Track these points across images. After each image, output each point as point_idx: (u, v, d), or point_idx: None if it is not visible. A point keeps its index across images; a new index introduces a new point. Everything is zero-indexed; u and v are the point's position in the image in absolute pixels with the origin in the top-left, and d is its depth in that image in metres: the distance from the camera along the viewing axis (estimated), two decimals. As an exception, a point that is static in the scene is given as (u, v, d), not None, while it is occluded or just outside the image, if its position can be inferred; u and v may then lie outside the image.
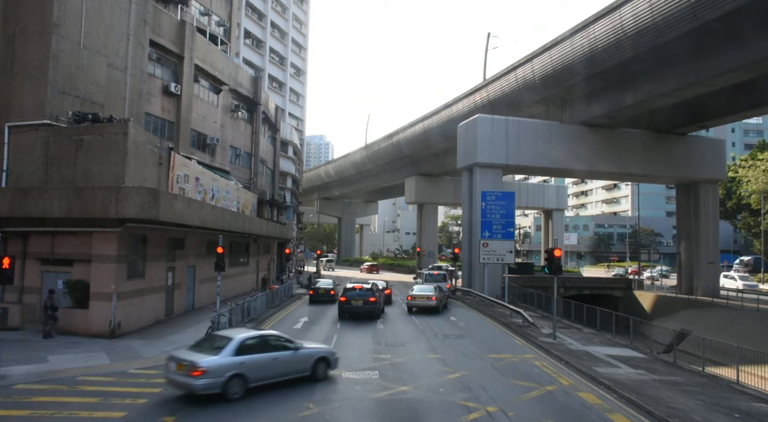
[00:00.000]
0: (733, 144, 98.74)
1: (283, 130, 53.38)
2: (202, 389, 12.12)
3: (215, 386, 12.19)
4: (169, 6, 30.16)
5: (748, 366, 16.08)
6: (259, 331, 15.17)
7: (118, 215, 18.63)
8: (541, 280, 41.77)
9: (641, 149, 38.03)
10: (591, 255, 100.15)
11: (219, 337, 13.59)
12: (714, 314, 33.17)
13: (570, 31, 31.52)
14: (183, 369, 12.24)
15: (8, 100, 20.91)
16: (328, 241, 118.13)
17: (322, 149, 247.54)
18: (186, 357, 12.48)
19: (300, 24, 77.78)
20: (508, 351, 18.97)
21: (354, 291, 26.44)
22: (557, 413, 11.93)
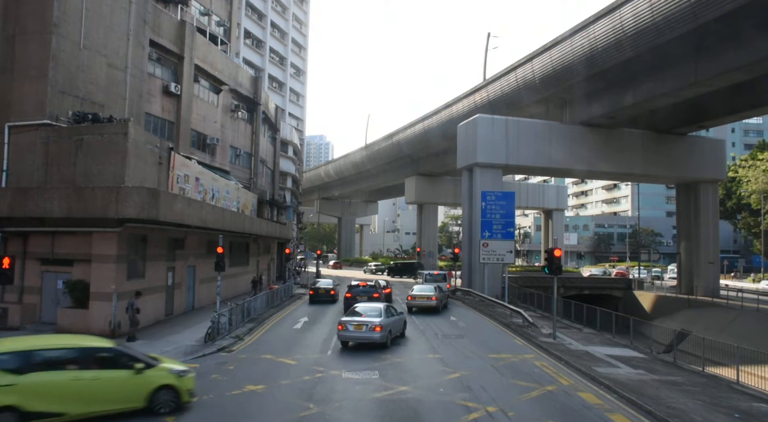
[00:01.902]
0: (733, 144, 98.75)
1: (283, 130, 53.41)
2: (379, 340, 18.07)
3: (385, 338, 18.26)
4: (169, 6, 30.17)
5: (748, 366, 16.08)
6: (389, 303, 21.86)
7: (118, 215, 18.64)
8: (541, 280, 41.80)
9: (641, 149, 38.03)
10: (591, 255, 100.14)
11: (369, 307, 19.75)
12: (714, 314, 33.19)
13: (570, 31, 31.53)
14: (363, 328, 18.07)
15: (8, 101, 20.92)
16: (328, 241, 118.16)
17: (322, 149, 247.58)
18: (362, 320, 18.34)
19: (300, 24, 77.82)
20: (508, 351, 18.97)
21: (359, 288, 28.52)
22: (557, 413, 11.93)
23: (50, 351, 10.85)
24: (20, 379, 9.92)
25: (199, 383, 13.56)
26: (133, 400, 11.00)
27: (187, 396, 11.63)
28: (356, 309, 19.91)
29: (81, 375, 10.57)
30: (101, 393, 10.70)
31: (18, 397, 9.77)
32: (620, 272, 61.89)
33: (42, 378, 10.20)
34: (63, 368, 10.60)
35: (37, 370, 10.23)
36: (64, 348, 11.11)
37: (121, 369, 11.04)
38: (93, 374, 10.73)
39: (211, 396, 12.53)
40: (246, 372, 15.00)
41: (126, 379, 10.98)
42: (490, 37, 65.51)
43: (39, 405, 9.96)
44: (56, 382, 10.32)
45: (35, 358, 10.41)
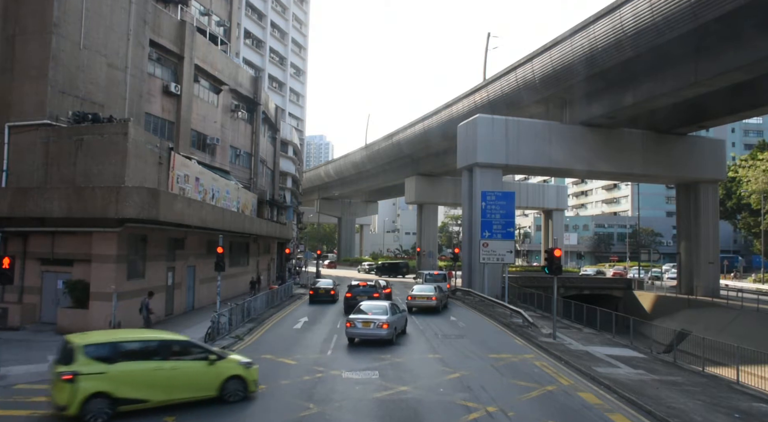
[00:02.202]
0: (733, 144, 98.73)
1: (283, 130, 53.40)
2: (386, 336, 18.96)
3: (391, 334, 19.18)
4: (169, 6, 30.17)
5: (748, 366, 16.08)
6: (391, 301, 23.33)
7: (118, 215, 18.64)
8: (541, 280, 41.81)
9: (641, 149, 38.03)
10: (591, 255, 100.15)
11: (375, 305, 20.62)
12: (714, 314, 33.19)
13: (570, 31, 31.53)
14: (371, 325, 18.89)
15: (8, 101, 20.91)
16: (328, 241, 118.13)
17: (322, 149, 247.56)
18: (369, 318, 19.12)
19: (300, 24, 77.82)
20: (508, 351, 18.97)
21: (359, 288, 28.92)
22: (557, 413, 11.93)
23: (134, 342, 11.82)
24: (110, 368, 10.80)
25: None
26: (207, 389, 11.88)
27: (253, 386, 12.42)
28: (361, 307, 20.42)
29: (161, 365, 11.45)
30: (179, 382, 11.58)
31: (109, 384, 10.64)
32: (618, 273, 61.82)
33: (128, 367, 11.07)
34: (146, 358, 11.45)
35: (124, 360, 11.11)
36: (146, 340, 12.00)
37: (196, 360, 11.99)
38: (172, 364, 11.62)
39: (211, 396, 12.51)
40: (246, 372, 14.94)
41: (201, 369, 11.89)
42: (490, 37, 65.54)
43: (126, 392, 10.82)
44: (140, 371, 11.17)
45: (122, 349, 11.38)
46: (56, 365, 10.88)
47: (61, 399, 10.34)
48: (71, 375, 10.36)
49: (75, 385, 10.29)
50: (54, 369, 10.83)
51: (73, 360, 10.61)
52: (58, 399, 10.42)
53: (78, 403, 10.25)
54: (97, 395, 10.45)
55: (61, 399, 10.32)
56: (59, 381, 10.39)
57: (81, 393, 10.29)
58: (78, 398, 10.25)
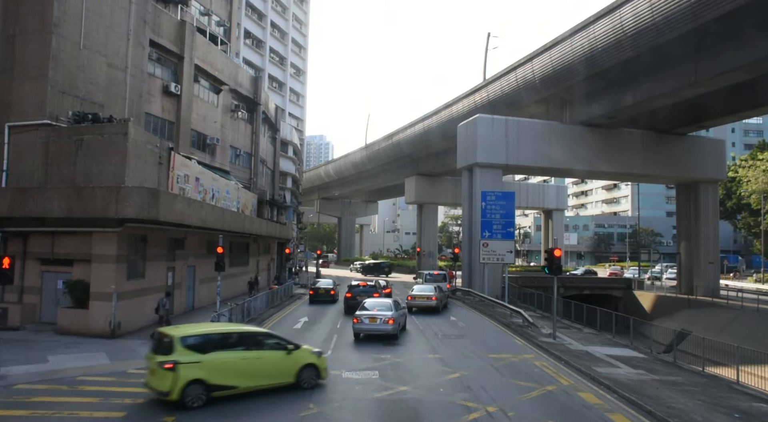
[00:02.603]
0: (733, 144, 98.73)
1: (283, 130, 53.39)
2: (392, 331, 19.75)
3: (396, 330, 20.07)
4: (169, 6, 30.17)
5: (748, 366, 16.08)
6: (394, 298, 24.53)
7: (118, 215, 18.63)
8: (541, 280, 41.81)
9: (641, 149, 38.02)
10: (591, 255, 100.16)
11: (379, 302, 21.45)
12: (714, 315, 33.18)
13: (570, 31, 31.52)
14: (377, 321, 19.76)
15: (8, 101, 20.91)
16: (328, 241, 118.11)
17: (322, 149, 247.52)
18: (375, 314, 20.03)
19: (300, 24, 77.81)
20: (508, 351, 18.97)
21: (359, 288, 28.93)
22: (557, 413, 11.93)
23: (223, 334, 13.07)
24: (204, 357, 11.89)
25: (199, 383, 13.57)
26: (286, 376, 13.02)
27: (324, 373, 13.64)
28: (366, 305, 21.31)
29: (247, 354, 12.63)
30: (263, 370, 12.75)
31: (204, 372, 11.74)
32: (614, 273, 61.76)
33: (219, 356, 12.16)
34: (233, 349, 12.63)
35: (215, 350, 12.20)
36: (232, 332, 13.28)
37: (276, 350, 13.12)
38: (256, 354, 12.78)
39: (211, 396, 12.52)
40: (246, 372, 14.94)
41: (281, 358, 13.05)
42: (490, 37, 65.50)
43: (219, 379, 11.92)
44: (230, 360, 12.31)
45: (213, 340, 12.52)
46: (154, 355, 11.88)
47: (163, 386, 11.42)
48: (172, 364, 11.42)
49: (176, 373, 11.36)
50: (152, 359, 11.83)
51: (173, 351, 11.63)
52: (160, 386, 11.48)
53: (179, 389, 11.34)
54: (194, 382, 11.53)
55: (163, 386, 11.40)
56: (160, 370, 11.46)
57: (181, 380, 11.37)
58: (179, 385, 11.34)
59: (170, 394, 11.36)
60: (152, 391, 11.93)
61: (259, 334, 13.64)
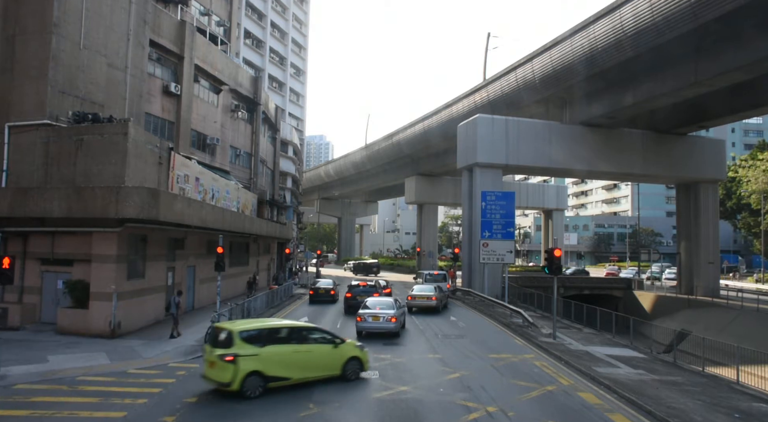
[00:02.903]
0: (733, 144, 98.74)
1: (283, 130, 53.39)
2: (394, 329, 20.22)
3: (398, 327, 20.66)
4: (169, 6, 30.17)
5: (748, 366, 16.09)
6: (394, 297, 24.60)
7: (118, 215, 18.63)
8: (541, 280, 41.79)
9: (641, 149, 38.01)
10: (591, 255, 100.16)
11: (381, 301, 22.01)
12: (714, 315, 33.17)
13: (570, 31, 31.51)
14: (380, 319, 20.08)
15: (8, 101, 20.91)
16: (328, 241, 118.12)
17: (322, 149, 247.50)
18: (378, 312, 20.34)
19: (300, 24, 77.81)
20: (508, 351, 18.97)
21: (359, 288, 28.93)
22: (557, 413, 11.93)
23: (276, 329, 13.88)
24: (261, 350, 12.65)
25: (199, 383, 13.58)
26: (333, 369, 13.87)
27: (366, 365, 14.51)
28: (368, 304, 21.88)
29: (299, 348, 13.47)
30: (313, 363, 13.62)
31: (261, 364, 12.49)
32: (611, 273, 61.71)
33: (274, 349, 12.94)
34: (286, 342, 13.41)
35: (270, 344, 12.98)
36: (284, 327, 14.13)
37: (324, 343, 14.01)
38: (307, 347, 13.67)
39: (211, 396, 12.53)
40: (246, 372, 14.94)
41: (328, 352, 13.90)
42: (490, 37, 65.56)
43: (274, 371, 12.72)
44: (284, 353, 13.10)
45: (268, 334, 13.31)
46: (212, 348, 12.66)
47: (224, 377, 12.13)
48: (233, 357, 12.15)
49: (236, 365, 12.11)
50: (211, 352, 12.55)
51: (233, 344, 12.38)
52: (221, 378, 12.21)
53: (239, 380, 12.08)
54: (252, 373, 12.28)
55: (225, 377, 12.12)
56: (220, 362, 12.19)
57: (241, 371, 12.11)
58: (239, 376, 12.07)
59: (231, 385, 12.06)
60: (211, 382, 12.61)
61: (309, 329, 14.63)
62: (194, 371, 15.09)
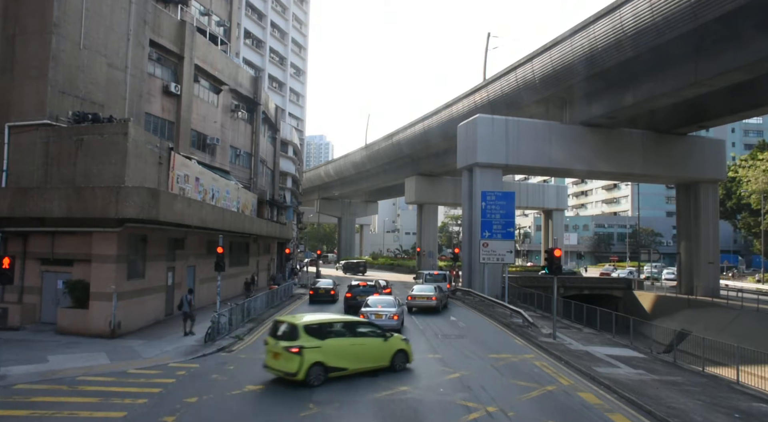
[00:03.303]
0: (733, 144, 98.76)
1: (283, 130, 53.39)
2: (396, 326, 20.86)
3: (400, 325, 21.70)
4: (169, 6, 30.16)
5: (748, 366, 16.09)
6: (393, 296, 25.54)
7: (118, 215, 18.63)
8: (541, 280, 41.80)
9: (641, 149, 38.01)
10: (591, 255, 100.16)
11: (382, 299, 22.75)
12: (714, 315, 33.17)
13: (570, 31, 31.51)
14: (383, 317, 20.86)
15: (8, 100, 20.90)
16: (328, 241, 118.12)
17: (322, 149, 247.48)
18: (380, 310, 21.19)
19: (300, 24, 77.80)
20: (508, 351, 18.97)
21: (359, 288, 29.11)
22: (557, 413, 11.93)
23: (335, 323, 14.91)
24: (322, 343, 13.68)
25: (199, 383, 13.60)
26: (383, 360, 14.95)
27: (411, 357, 15.58)
28: (369, 302, 22.53)
29: (354, 341, 14.57)
30: (366, 354, 14.67)
31: (323, 355, 13.52)
32: (605, 273, 61.65)
33: (334, 342, 14.00)
34: (343, 336, 14.48)
35: (329, 337, 14.02)
36: (342, 321, 15.27)
37: (376, 337, 15.09)
38: (361, 340, 14.76)
39: (212, 396, 12.53)
40: (246, 372, 14.98)
41: (379, 344, 14.98)
42: (490, 37, 65.55)
43: (334, 362, 13.74)
44: (342, 345, 14.18)
45: (327, 328, 14.31)
46: (276, 341, 13.68)
47: (290, 367, 13.15)
48: (298, 349, 13.20)
49: (302, 357, 13.13)
50: (276, 344, 13.59)
51: (298, 337, 13.45)
52: (287, 368, 13.22)
53: (304, 370, 13.10)
54: (316, 364, 13.30)
55: (291, 367, 13.14)
56: (286, 353, 13.25)
57: (306, 362, 13.13)
58: (304, 366, 13.09)
59: (297, 374, 13.07)
60: (275, 372, 13.62)
61: (362, 323, 15.84)
62: (194, 371, 15.10)
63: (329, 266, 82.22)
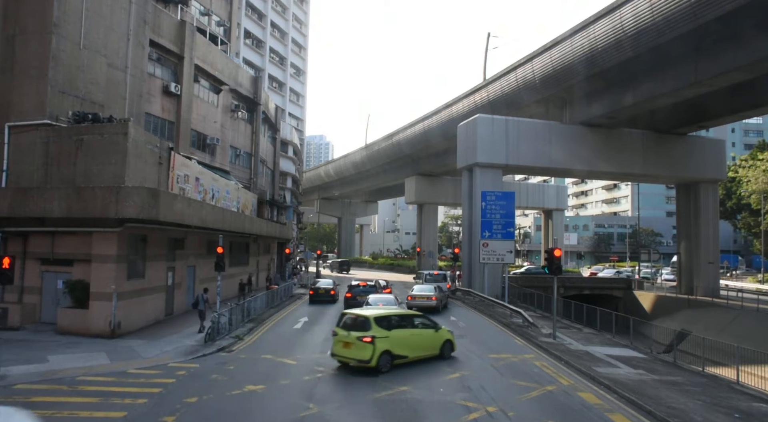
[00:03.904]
0: (733, 144, 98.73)
1: (283, 130, 53.40)
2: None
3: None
4: (169, 6, 30.17)
5: (748, 366, 16.08)
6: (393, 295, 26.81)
7: (118, 215, 18.63)
8: (541, 280, 41.78)
9: (641, 149, 37.99)
10: (591, 255, 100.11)
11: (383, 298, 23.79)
12: (714, 315, 33.17)
13: (570, 31, 31.51)
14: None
15: (8, 100, 20.91)
16: (328, 241, 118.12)
17: (322, 149, 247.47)
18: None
19: (300, 24, 77.80)
20: (508, 351, 18.97)
21: (359, 288, 29.31)
22: (557, 413, 11.93)
23: (398, 316, 16.57)
24: (389, 333, 15.37)
25: (199, 383, 13.61)
26: (434, 349, 16.85)
27: (455, 347, 17.47)
28: (369, 301, 23.18)
29: (413, 331, 16.36)
30: (422, 344, 16.48)
31: (390, 345, 15.19)
32: (593, 273, 61.66)
33: (398, 333, 15.69)
34: (404, 327, 16.20)
35: (394, 328, 15.70)
36: (401, 314, 17.04)
37: (429, 328, 16.99)
38: (417, 331, 16.54)
39: (212, 396, 12.53)
40: (246, 372, 14.99)
41: (432, 335, 16.90)
42: (490, 37, 65.55)
43: (398, 350, 15.43)
44: (404, 336, 15.87)
45: (393, 320, 15.97)
46: (348, 332, 15.28)
47: (363, 355, 14.76)
48: (371, 338, 14.85)
49: (374, 345, 14.76)
50: (348, 335, 15.19)
51: (370, 328, 15.10)
52: (360, 356, 14.80)
53: (376, 358, 14.75)
54: (385, 352, 14.94)
55: (364, 355, 14.76)
56: (360, 343, 14.87)
57: (377, 350, 14.77)
58: (376, 354, 14.73)
59: (370, 362, 14.69)
60: (345, 360, 15.22)
61: (417, 316, 17.44)
62: (194, 371, 15.11)
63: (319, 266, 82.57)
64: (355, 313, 16.15)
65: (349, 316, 15.96)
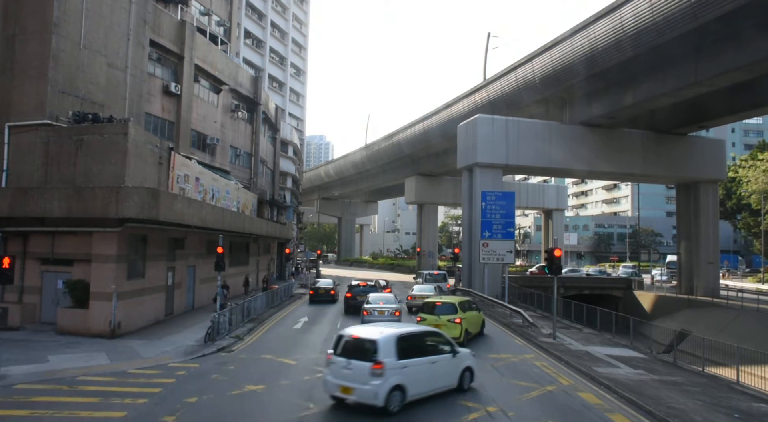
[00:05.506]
0: (733, 144, 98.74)
1: (283, 130, 53.40)
2: None
3: None
4: (169, 6, 30.16)
5: (748, 366, 16.08)
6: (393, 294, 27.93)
7: (118, 215, 18.63)
8: (541, 280, 41.79)
9: (641, 149, 37.99)
10: (591, 255, 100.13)
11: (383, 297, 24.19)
12: (714, 315, 33.17)
13: (570, 31, 31.51)
14: (385, 313, 22.13)
15: (8, 101, 20.91)
16: (328, 241, 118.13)
17: (322, 149, 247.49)
18: (383, 307, 22.44)
19: (300, 24, 77.81)
20: (508, 351, 18.97)
21: (359, 288, 29.01)
22: (557, 413, 11.93)
23: (460, 302, 20.22)
24: (465, 315, 19.79)
25: (199, 383, 13.60)
26: (478, 327, 21.67)
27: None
28: (370, 299, 23.30)
29: (473, 314, 21.02)
30: (476, 324, 21.12)
31: (468, 324, 19.68)
32: None
33: (469, 314, 20.22)
34: (470, 310, 20.65)
35: (467, 311, 20.30)
36: (467, 301, 21.26)
37: (477, 311, 21.78)
38: (475, 314, 21.24)
39: (212, 396, 12.53)
40: (246, 372, 14.99)
41: (478, 317, 21.73)
42: (490, 37, 65.57)
43: (471, 329, 20.18)
44: (472, 316, 20.52)
45: (464, 306, 20.30)
46: (437, 316, 19.16)
47: (454, 334, 18.15)
48: (460, 319, 19.10)
49: (461, 326, 19.05)
50: (439, 318, 19.06)
51: (456, 311, 19.34)
52: (452, 334, 17.16)
53: (463, 335, 18.92)
54: (467, 331, 19.45)
55: (455, 334, 18.25)
56: (451, 324, 18.83)
57: (464, 329, 19.13)
58: (462, 332, 19.00)
59: (459, 338, 18.20)
60: None
61: (471, 302, 21.92)
62: (194, 371, 15.11)
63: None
64: (441, 300, 20.58)
65: (427, 302, 20.62)
